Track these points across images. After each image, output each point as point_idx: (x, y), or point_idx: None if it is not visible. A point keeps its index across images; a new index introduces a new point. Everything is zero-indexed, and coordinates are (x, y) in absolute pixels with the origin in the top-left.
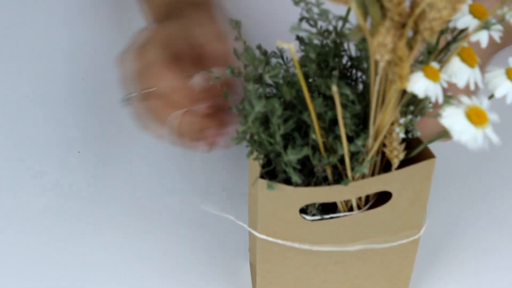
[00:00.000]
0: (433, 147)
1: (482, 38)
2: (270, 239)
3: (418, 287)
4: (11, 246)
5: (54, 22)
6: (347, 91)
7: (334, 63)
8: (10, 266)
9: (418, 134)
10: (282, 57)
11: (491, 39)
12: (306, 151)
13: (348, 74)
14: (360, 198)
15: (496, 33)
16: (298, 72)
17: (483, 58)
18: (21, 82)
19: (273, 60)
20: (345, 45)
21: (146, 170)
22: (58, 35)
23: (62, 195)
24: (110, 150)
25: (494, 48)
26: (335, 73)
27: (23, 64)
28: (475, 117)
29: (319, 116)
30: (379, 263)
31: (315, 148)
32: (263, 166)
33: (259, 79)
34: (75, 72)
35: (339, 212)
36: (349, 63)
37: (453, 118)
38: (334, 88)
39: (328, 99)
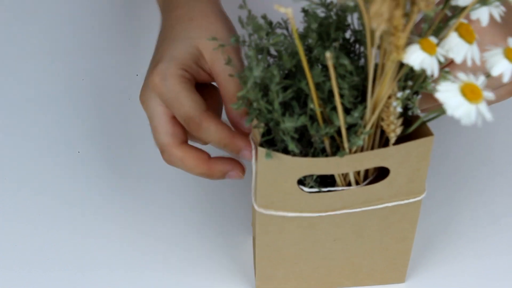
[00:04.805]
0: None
1: (483, 15)
2: (268, 211)
3: (416, 272)
4: (11, 246)
5: (54, 22)
6: (345, 61)
7: (335, 34)
8: (10, 266)
9: (418, 112)
10: (287, 29)
11: None
12: (303, 119)
13: (352, 48)
14: (358, 174)
15: (497, 10)
16: (296, 37)
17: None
18: (21, 82)
19: (278, 31)
20: (349, 19)
21: (146, 169)
22: (58, 35)
23: (62, 195)
24: (110, 150)
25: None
26: (336, 43)
27: (23, 64)
28: (470, 93)
29: (318, 87)
30: (378, 243)
31: (313, 118)
32: (263, 135)
33: (263, 49)
34: (75, 72)
35: (337, 186)
36: (353, 38)
37: (448, 93)
38: (328, 54)
39: (328, 70)
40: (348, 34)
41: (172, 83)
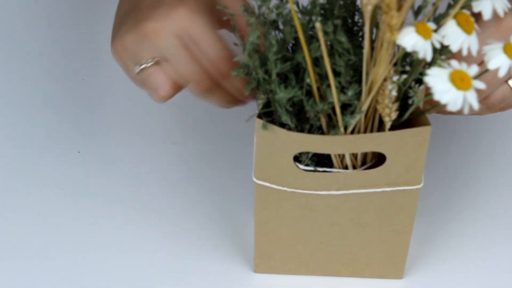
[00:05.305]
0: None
1: (485, 9)
2: (265, 184)
3: (414, 268)
4: (11, 246)
5: (54, 22)
6: (343, 38)
7: (339, 12)
8: (10, 266)
9: (419, 101)
10: (297, 4)
11: None
12: (297, 92)
13: (361, 32)
14: (356, 158)
15: (500, 5)
16: (292, 9)
17: None
18: (21, 82)
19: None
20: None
21: (146, 169)
22: (57, 35)
23: (62, 195)
24: (110, 150)
25: None
26: (337, 21)
27: (23, 64)
28: (459, 80)
29: (317, 63)
30: (376, 235)
31: (311, 94)
32: (264, 107)
33: (272, 23)
34: (75, 72)
35: (334, 168)
36: (361, 21)
37: (436, 78)
38: (318, 25)
39: (332, 47)
40: (356, 17)
41: (205, 22)
